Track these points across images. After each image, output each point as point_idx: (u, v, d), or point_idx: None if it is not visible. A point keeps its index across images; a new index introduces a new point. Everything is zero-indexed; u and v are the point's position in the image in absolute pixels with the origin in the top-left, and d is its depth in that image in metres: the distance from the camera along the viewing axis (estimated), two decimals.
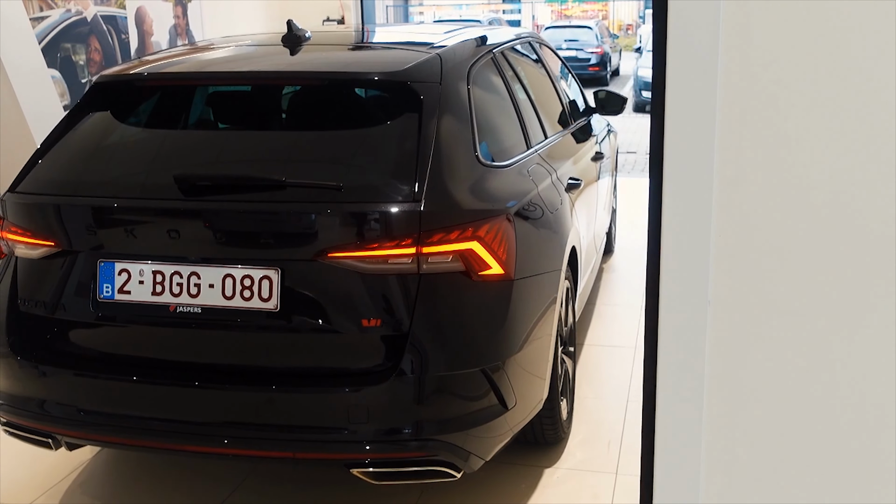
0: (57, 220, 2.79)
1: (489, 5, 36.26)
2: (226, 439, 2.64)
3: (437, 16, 30.67)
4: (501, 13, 33.26)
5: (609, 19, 33.85)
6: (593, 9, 34.71)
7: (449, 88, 2.86)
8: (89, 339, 2.83)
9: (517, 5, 35.48)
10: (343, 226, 2.58)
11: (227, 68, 3.29)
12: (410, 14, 29.41)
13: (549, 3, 34.99)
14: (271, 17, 9.06)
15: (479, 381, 2.65)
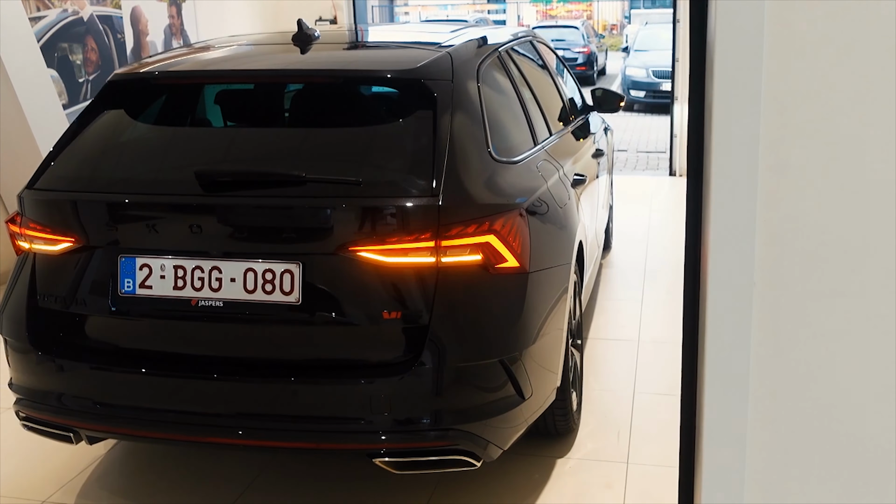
0: (77, 216, 2.81)
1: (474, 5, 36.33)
2: (248, 431, 2.68)
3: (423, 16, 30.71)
4: (487, 13, 33.33)
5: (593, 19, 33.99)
6: (578, 9, 34.84)
7: (460, 86, 2.91)
8: (111, 333, 2.85)
9: (502, 5, 35.57)
10: (363, 220, 2.61)
11: (242, 66, 3.32)
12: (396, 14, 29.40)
13: (534, 3, 35.09)
14: (264, 18, 9.09)
15: (497, 372, 2.70)
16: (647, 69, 15.38)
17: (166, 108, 3.20)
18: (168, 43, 7.36)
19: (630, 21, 25.97)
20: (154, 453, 3.54)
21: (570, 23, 23.77)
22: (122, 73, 3.13)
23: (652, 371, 4.23)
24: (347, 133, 2.92)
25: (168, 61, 3.26)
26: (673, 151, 9.19)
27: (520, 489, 3.22)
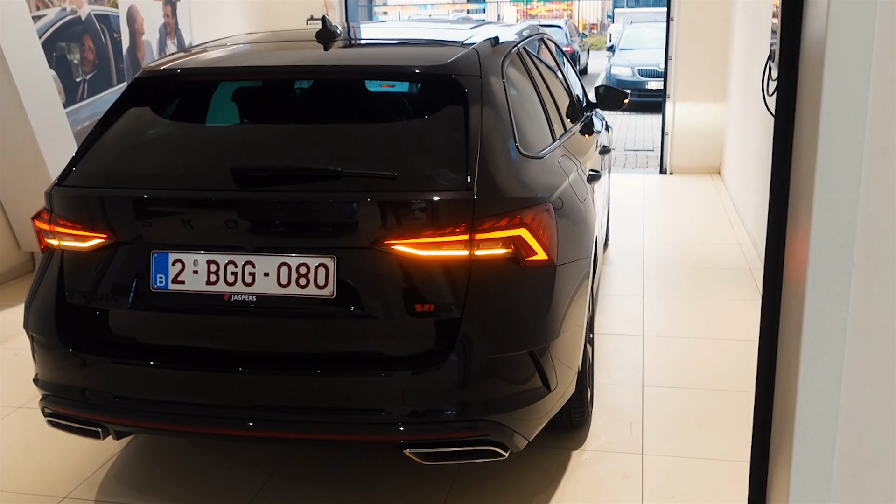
0: (109, 212, 2.83)
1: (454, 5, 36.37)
2: (281, 424, 2.71)
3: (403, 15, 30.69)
4: (466, 13, 33.38)
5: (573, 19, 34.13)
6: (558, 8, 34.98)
7: (488, 82, 2.96)
8: (143, 328, 2.87)
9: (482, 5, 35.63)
10: (398, 214, 2.66)
11: (271, 62, 3.35)
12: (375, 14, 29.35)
13: (515, 2, 35.19)
14: (256, 16, 9.10)
15: (526, 364, 2.75)
16: (632, 68, 15.50)
17: (195, 104, 3.22)
18: (163, 42, 7.35)
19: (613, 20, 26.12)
20: (169, 448, 3.56)
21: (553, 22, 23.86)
22: (150, 70, 3.15)
23: (658, 365, 4.30)
24: (379, 128, 2.96)
25: (194, 58, 3.29)
26: (664, 149, 9.28)
27: (538, 481, 3.27)
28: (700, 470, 3.32)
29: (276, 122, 3.20)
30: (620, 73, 15.64)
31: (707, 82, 8.98)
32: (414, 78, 3.08)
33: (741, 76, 7.73)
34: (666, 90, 9.14)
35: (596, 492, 3.20)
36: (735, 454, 3.41)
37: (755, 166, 6.45)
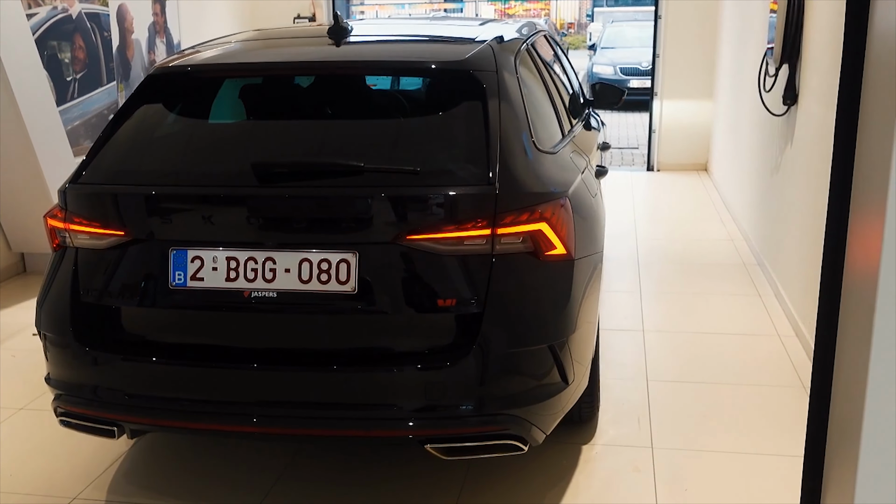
0: (126, 209, 2.81)
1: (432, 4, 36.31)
2: (302, 420, 2.71)
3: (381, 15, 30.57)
4: (443, 12, 33.34)
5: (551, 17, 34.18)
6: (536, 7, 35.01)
7: (503, 77, 2.97)
8: (161, 326, 2.85)
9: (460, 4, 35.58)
10: (421, 209, 2.66)
11: (286, 58, 3.33)
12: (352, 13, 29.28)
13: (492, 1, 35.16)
14: (244, 14, 9.06)
15: (546, 358, 2.76)
16: (614, 66, 15.58)
17: (211, 100, 3.21)
18: (152, 41, 7.30)
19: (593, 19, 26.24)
20: (178, 447, 3.54)
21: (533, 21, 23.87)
22: (163, 67, 3.13)
23: (660, 359, 4.33)
24: (398, 123, 2.96)
25: (207, 55, 3.26)
26: (651, 146, 9.34)
27: (550, 476, 3.28)
28: (710, 463, 3.34)
29: (295, 119, 3.18)
30: (603, 71, 15.71)
31: (694, 80, 9.05)
32: (432, 73, 3.07)
33: (730, 74, 7.79)
34: (653, 88, 9.19)
35: (609, 485, 3.22)
36: (743, 447, 3.45)
37: (748, 163, 6.50)
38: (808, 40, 4.76)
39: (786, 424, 3.63)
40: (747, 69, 6.60)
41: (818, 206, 4.39)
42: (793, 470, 3.26)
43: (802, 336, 4.45)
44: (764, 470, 3.28)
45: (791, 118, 5.06)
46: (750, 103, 6.37)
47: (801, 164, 4.83)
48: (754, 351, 4.42)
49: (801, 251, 4.69)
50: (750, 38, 6.59)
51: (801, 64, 4.88)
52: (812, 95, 4.63)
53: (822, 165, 4.34)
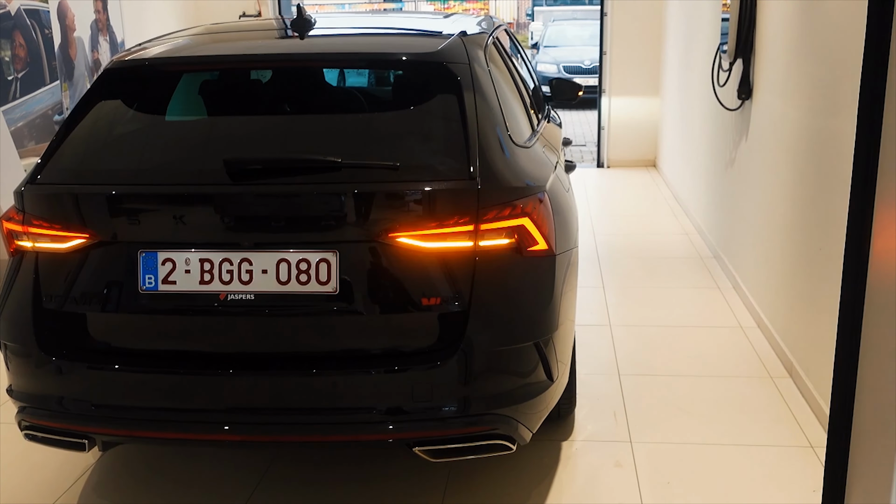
0: (91, 210, 2.67)
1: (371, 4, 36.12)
2: (284, 427, 2.62)
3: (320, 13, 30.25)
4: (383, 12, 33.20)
5: None
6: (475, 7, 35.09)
7: (476, 70, 2.91)
8: (131, 332, 2.73)
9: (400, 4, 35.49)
10: (402, 205, 2.59)
11: (255, 51, 3.21)
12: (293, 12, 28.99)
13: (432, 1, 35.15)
14: (188, 12, 8.87)
15: (531, 356, 2.72)
16: (557, 65, 15.69)
17: (176, 95, 3.08)
18: (95, 39, 7.08)
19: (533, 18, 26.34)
20: (149, 456, 3.41)
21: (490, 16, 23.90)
22: (121, 61, 2.99)
23: (630, 353, 4.33)
24: (373, 117, 2.88)
25: (170, 47, 3.13)
26: (601, 143, 9.39)
27: (533, 474, 3.25)
28: (689, 455, 3.34)
29: (264, 113, 3.07)
30: (546, 70, 15.78)
31: (641, 77, 9.13)
32: (404, 66, 2.99)
33: (677, 70, 7.87)
34: (601, 85, 9.25)
35: (592, 482, 3.19)
36: (720, 438, 3.46)
37: (700, 157, 6.56)
38: (762, 35, 4.81)
39: (758, 414, 3.65)
40: (697, 65, 6.66)
41: (774, 198, 4.44)
42: (772, 459, 3.28)
43: (764, 327, 4.49)
44: (743, 460, 3.29)
45: (745, 112, 5.11)
46: (701, 99, 6.43)
47: (756, 157, 4.88)
48: (719, 342, 4.45)
49: (759, 244, 4.74)
50: (699, 34, 6.65)
51: (755, 58, 4.93)
52: (767, 89, 4.68)
53: (779, 158, 4.39)
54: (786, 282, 4.17)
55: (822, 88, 3.71)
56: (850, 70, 3.34)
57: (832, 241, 3.47)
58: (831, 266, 3.48)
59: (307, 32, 3.18)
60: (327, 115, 2.98)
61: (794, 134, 4.12)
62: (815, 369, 3.68)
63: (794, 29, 4.15)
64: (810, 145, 3.84)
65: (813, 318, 3.73)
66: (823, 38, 3.71)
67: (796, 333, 3.98)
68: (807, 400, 3.73)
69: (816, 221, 3.70)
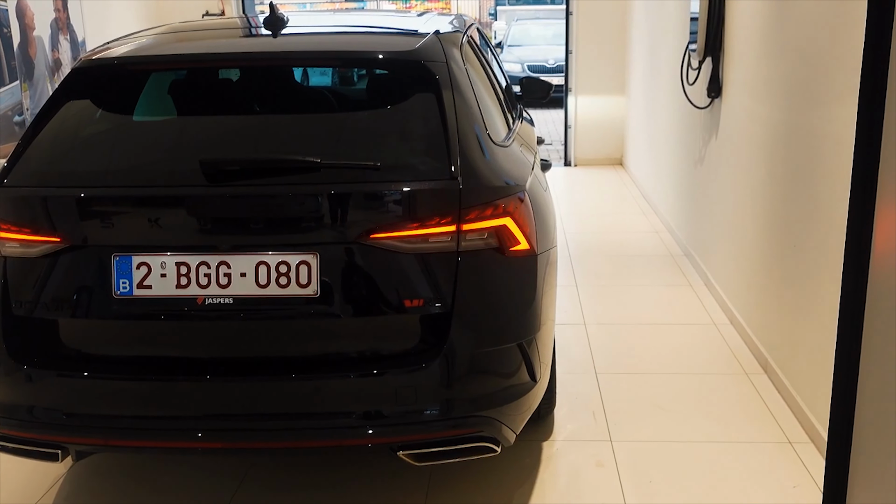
0: (61, 213, 2.59)
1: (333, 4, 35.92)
2: (266, 433, 2.56)
3: None
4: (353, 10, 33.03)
5: None
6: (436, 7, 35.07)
7: (453, 68, 2.87)
8: (105, 338, 2.66)
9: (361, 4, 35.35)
10: (384, 206, 2.55)
11: (229, 49, 3.14)
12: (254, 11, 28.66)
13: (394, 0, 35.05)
14: (150, 10, 8.73)
15: (515, 356, 2.69)
16: (522, 64, 15.71)
17: (145, 95, 3.00)
18: (55, 38, 6.93)
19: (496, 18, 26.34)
20: (124, 465, 3.33)
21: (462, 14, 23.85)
22: (89, 60, 2.90)
23: (606, 352, 4.32)
24: (351, 117, 2.83)
25: (140, 46, 3.05)
26: (568, 142, 9.41)
27: (515, 475, 3.22)
28: (670, 453, 3.34)
29: (240, 113, 3.00)
30: (510, 69, 15.77)
31: (607, 76, 9.16)
32: (382, 64, 2.93)
33: (644, 69, 7.91)
34: (567, 84, 9.27)
35: (574, 481, 3.18)
36: (698, 436, 3.46)
37: (669, 156, 6.59)
38: (731, 33, 4.84)
39: (735, 411, 3.66)
40: (665, 64, 6.69)
41: (745, 195, 4.47)
42: (751, 456, 3.29)
43: (738, 323, 4.52)
44: (723, 457, 3.29)
45: (715, 110, 5.14)
46: (669, 97, 6.46)
47: (726, 154, 4.90)
48: (693, 340, 4.46)
49: (730, 241, 4.76)
50: (666, 33, 6.68)
51: (725, 57, 4.96)
52: (737, 87, 4.71)
53: (749, 155, 4.42)
54: (759, 278, 4.20)
55: (794, 85, 3.73)
56: (821, 67, 3.36)
57: (807, 237, 3.49)
58: (806, 263, 3.50)
59: (280, 31, 3.12)
60: (304, 115, 2.92)
61: (765, 131, 4.15)
62: (790, 365, 3.71)
63: (764, 27, 4.18)
64: (781, 142, 3.86)
65: (787, 315, 3.75)
66: (794, 36, 3.73)
67: (770, 330, 4.00)
68: (782, 396, 3.75)
69: (790, 218, 3.72)
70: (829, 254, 3.25)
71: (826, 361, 3.29)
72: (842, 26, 3.15)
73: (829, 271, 3.25)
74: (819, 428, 3.31)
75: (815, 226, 3.41)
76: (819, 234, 3.35)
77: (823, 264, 3.30)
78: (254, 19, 3.14)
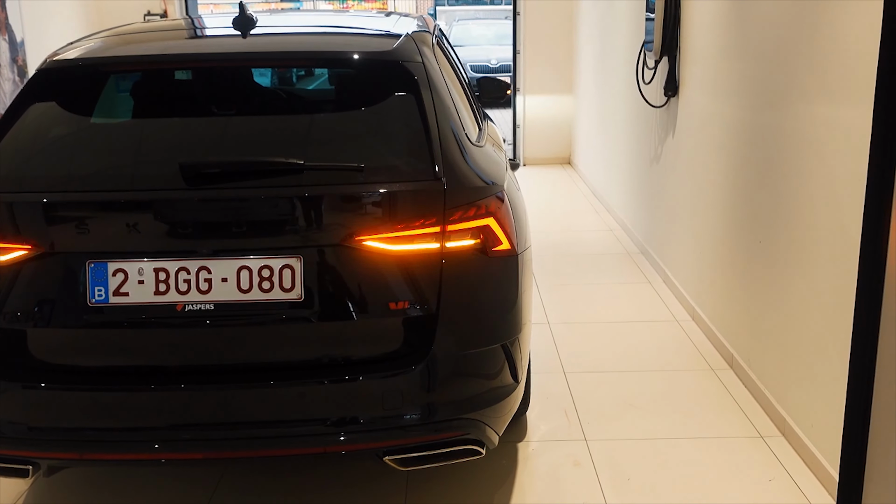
0: (31, 220, 2.49)
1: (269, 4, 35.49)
2: (250, 441, 2.50)
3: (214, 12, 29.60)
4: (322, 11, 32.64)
5: None
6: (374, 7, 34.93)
7: (429, 69, 2.85)
8: (79, 348, 2.55)
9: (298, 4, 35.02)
10: (368, 208, 2.51)
11: (202, 49, 3.05)
12: None
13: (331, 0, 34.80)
14: (89, 11, 8.51)
15: (499, 358, 2.68)
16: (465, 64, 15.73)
17: (118, 96, 2.90)
18: None
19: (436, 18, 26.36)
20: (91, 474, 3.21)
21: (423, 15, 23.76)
22: (56, 60, 2.79)
23: (572, 351, 4.34)
24: (332, 118, 2.78)
25: (104, 46, 2.95)
26: (517, 142, 9.45)
27: (493, 477, 3.21)
28: (645, 450, 3.36)
29: (215, 115, 2.92)
30: None
31: (554, 76, 9.22)
32: (359, 65, 2.87)
33: (593, 69, 7.97)
34: (515, 84, 9.30)
35: (553, 482, 3.17)
36: (672, 432, 3.49)
37: (622, 154, 6.65)
38: (687, 33, 4.90)
39: (705, 407, 3.70)
40: (617, 64, 6.75)
41: (704, 192, 4.53)
42: (725, 451, 3.33)
43: (699, 319, 4.58)
44: (697, 453, 3.33)
45: (671, 109, 5.20)
46: (623, 96, 6.52)
47: (683, 152, 4.97)
48: (657, 337, 4.51)
49: (689, 237, 4.83)
50: (618, 33, 6.75)
51: (681, 56, 5.03)
52: (693, 86, 4.77)
53: (707, 153, 4.48)
54: (721, 274, 4.26)
55: (753, 84, 3.79)
56: (785, 66, 3.41)
57: (773, 232, 3.55)
58: (773, 257, 3.56)
59: (250, 31, 3.05)
60: (279, 116, 2.86)
61: (724, 129, 4.21)
62: (757, 360, 3.76)
63: (722, 27, 4.24)
64: (743, 140, 3.92)
65: (753, 310, 3.81)
66: (753, 36, 3.79)
67: (735, 325, 4.06)
68: (750, 391, 3.81)
69: (754, 214, 3.78)
70: (796, 248, 3.31)
71: (794, 355, 3.35)
72: (807, 26, 3.21)
73: (797, 265, 3.31)
74: (790, 421, 3.37)
75: (781, 221, 3.47)
76: (786, 229, 3.41)
77: (791, 259, 3.36)
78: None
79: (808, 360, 3.23)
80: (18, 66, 7.02)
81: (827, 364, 3.06)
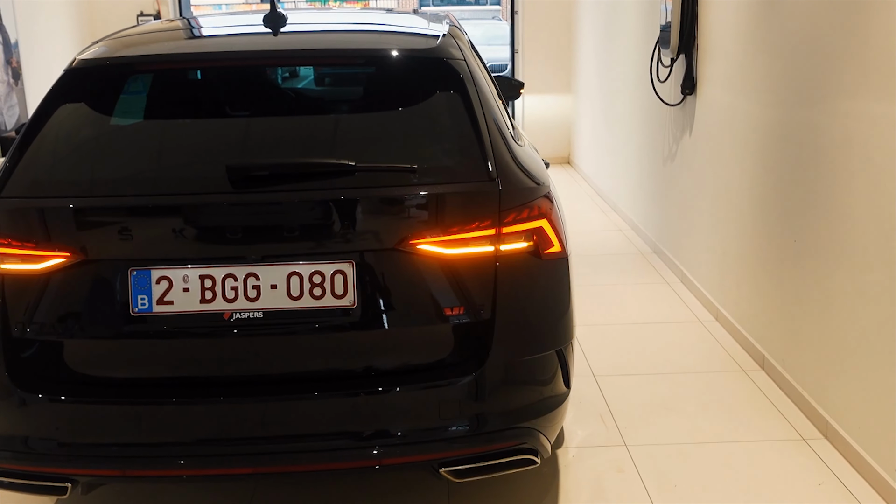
0: (70, 226, 2.38)
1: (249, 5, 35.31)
2: (304, 455, 2.39)
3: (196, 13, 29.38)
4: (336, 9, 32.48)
5: None
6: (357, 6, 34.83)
7: (471, 68, 2.77)
8: (123, 360, 2.44)
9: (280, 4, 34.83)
10: (422, 210, 2.41)
11: (238, 47, 2.93)
12: None
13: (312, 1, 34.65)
14: (82, 11, 8.37)
15: (553, 364, 2.60)
16: None
17: (153, 96, 2.79)
18: None
19: None
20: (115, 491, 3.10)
21: None
22: (87, 60, 2.67)
23: (600, 354, 4.26)
24: (377, 117, 2.68)
25: (138, 44, 2.83)
26: None
27: (537, 484, 3.12)
28: (687, 455, 3.29)
29: (259, 115, 2.81)
30: None
31: (553, 75, 9.16)
32: (407, 63, 2.74)
33: (595, 68, 7.91)
34: None
35: (599, 489, 3.09)
36: (712, 436, 3.42)
37: (633, 153, 6.59)
38: (705, 31, 4.84)
39: (742, 409, 3.63)
40: (625, 62, 6.69)
41: (726, 190, 4.47)
42: (769, 455, 3.26)
43: (724, 320, 4.52)
44: (742, 457, 3.26)
45: (688, 107, 5.14)
46: (633, 95, 6.46)
47: (702, 150, 4.91)
48: (682, 338, 4.44)
49: (710, 236, 4.76)
50: (625, 31, 6.69)
51: (698, 54, 4.96)
52: (713, 83, 4.71)
53: (729, 150, 4.42)
54: (750, 275, 4.19)
55: (785, 81, 3.72)
56: (822, 62, 3.35)
57: (810, 231, 3.48)
58: (809, 257, 3.49)
59: (280, 29, 2.94)
60: (322, 116, 2.76)
61: (750, 126, 4.14)
62: (792, 360, 3.70)
63: (746, 24, 4.18)
64: (773, 137, 3.86)
65: (786, 310, 3.75)
66: (784, 32, 3.73)
67: (767, 326, 3.99)
68: (786, 392, 3.74)
69: (787, 212, 3.72)
70: (837, 246, 3.24)
71: (836, 355, 3.29)
72: (848, 19, 3.15)
73: (837, 264, 3.24)
74: (833, 423, 3.31)
75: (818, 219, 3.41)
76: (826, 227, 3.34)
77: (832, 258, 3.30)
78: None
79: (853, 361, 3.17)
80: (13, 67, 6.87)
81: (874, 364, 3.00)
